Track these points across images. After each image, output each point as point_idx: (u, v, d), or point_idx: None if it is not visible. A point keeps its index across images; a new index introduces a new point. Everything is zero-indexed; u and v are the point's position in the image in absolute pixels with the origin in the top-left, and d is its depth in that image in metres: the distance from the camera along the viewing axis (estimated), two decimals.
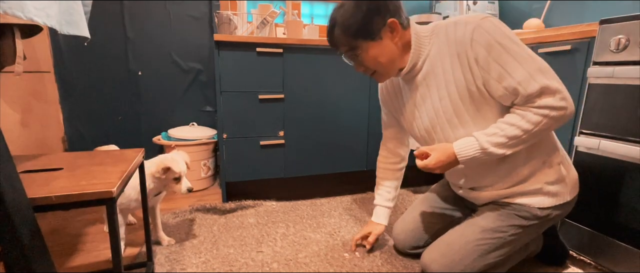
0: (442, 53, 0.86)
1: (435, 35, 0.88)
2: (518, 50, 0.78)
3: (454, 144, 0.86)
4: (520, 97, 0.78)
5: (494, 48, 0.78)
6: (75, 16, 0.88)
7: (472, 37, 0.79)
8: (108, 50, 1.80)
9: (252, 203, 1.61)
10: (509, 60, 0.77)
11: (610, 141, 1.04)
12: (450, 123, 0.90)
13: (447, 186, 1.20)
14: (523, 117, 0.79)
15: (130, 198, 1.09)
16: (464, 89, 0.84)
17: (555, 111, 0.76)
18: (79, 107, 1.80)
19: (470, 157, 0.84)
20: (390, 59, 0.90)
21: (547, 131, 0.81)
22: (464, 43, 0.81)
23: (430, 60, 0.89)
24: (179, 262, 1.11)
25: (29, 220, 0.54)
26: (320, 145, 1.68)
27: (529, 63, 0.77)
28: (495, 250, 0.92)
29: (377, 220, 1.23)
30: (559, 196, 0.90)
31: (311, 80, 1.59)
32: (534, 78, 0.76)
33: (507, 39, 0.78)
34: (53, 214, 1.44)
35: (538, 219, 0.91)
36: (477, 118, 0.86)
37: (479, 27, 0.79)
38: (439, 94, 0.89)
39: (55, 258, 1.12)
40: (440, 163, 0.86)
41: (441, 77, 0.88)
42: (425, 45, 0.89)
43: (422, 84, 0.93)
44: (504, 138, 0.80)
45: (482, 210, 0.99)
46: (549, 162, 0.89)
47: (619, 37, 1.01)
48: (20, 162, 0.80)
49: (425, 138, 1.00)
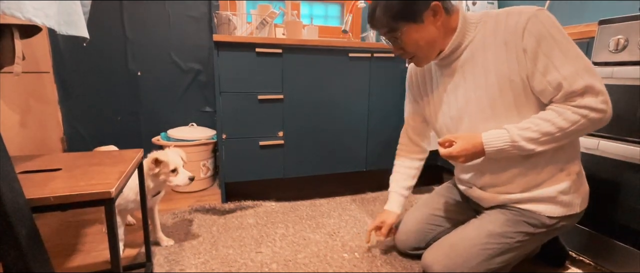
0: (487, 41, 0.85)
1: (483, 23, 0.86)
2: (568, 46, 0.77)
3: (483, 134, 0.84)
4: (562, 93, 0.77)
5: (546, 40, 0.76)
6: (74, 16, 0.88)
7: (526, 26, 0.78)
8: (107, 50, 1.80)
9: (252, 203, 1.60)
10: (558, 54, 0.76)
11: (609, 141, 1.04)
12: (482, 114, 0.87)
13: (451, 188, 1.19)
14: (560, 115, 0.77)
15: (129, 199, 1.08)
16: (505, 78, 0.82)
17: (594, 113, 0.75)
18: (78, 107, 1.80)
19: (497, 148, 0.82)
20: (430, 43, 0.88)
21: (581, 133, 0.80)
22: (516, 32, 0.79)
23: (472, 47, 0.87)
24: (178, 263, 1.11)
25: (27, 220, 0.54)
26: (319, 146, 1.68)
27: (578, 60, 0.76)
28: (499, 255, 0.90)
29: (391, 208, 1.18)
30: (570, 207, 0.88)
31: (310, 81, 1.59)
32: (581, 75, 0.75)
33: (560, 33, 0.77)
34: (52, 215, 1.44)
35: (546, 227, 0.89)
36: (512, 111, 0.84)
37: (535, 17, 0.77)
38: (475, 83, 0.87)
39: (54, 258, 1.12)
40: (465, 152, 0.84)
41: (481, 65, 0.86)
42: (470, 31, 0.88)
43: (458, 71, 0.91)
44: (537, 134, 0.79)
45: (490, 213, 0.97)
46: (567, 170, 0.87)
47: (618, 38, 1.01)
48: (19, 162, 0.80)
49: (448, 128, 0.98)
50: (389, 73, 1.70)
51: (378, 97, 1.71)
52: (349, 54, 1.60)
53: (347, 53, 1.60)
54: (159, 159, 1.07)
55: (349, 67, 1.63)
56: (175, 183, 1.11)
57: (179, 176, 1.11)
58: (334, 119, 1.67)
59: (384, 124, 1.75)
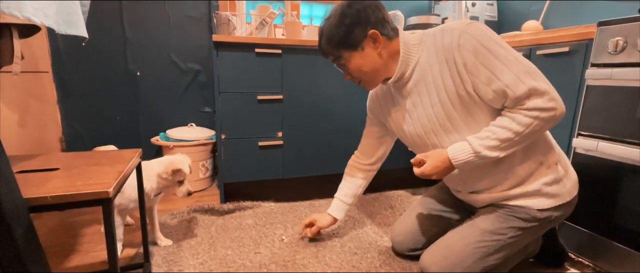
0: (431, 60, 0.88)
1: (424, 43, 0.90)
2: (504, 54, 0.79)
3: (448, 149, 0.87)
4: (509, 100, 0.79)
5: (481, 52, 0.79)
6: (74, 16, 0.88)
7: (459, 42, 0.80)
8: (107, 50, 1.80)
9: (250, 204, 1.60)
10: (496, 64, 0.78)
11: (608, 143, 1.04)
12: (444, 128, 0.91)
13: (445, 188, 1.19)
14: (513, 120, 0.79)
15: (130, 199, 1.08)
16: (454, 94, 0.85)
17: (544, 112, 0.77)
18: (77, 107, 1.80)
19: (464, 161, 0.85)
20: (373, 68, 0.93)
21: (539, 133, 0.82)
22: (451, 49, 0.82)
23: (419, 67, 0.90)
24: (177, 263, 1.10)
25: (24, 220, 0.54)
26: (318, 146, 1.67)
27: (516, 65, 0.78)
28: (495, 253, 0.91)
29: (330, 212, 1.25)
30: (558, 197, 0.90)
31: (310, 81, 1.59)
32: (522, 80, 0.77)
33: (493, 42, 0.79)
34: (50, 214, 1.43)
35: (537, 221, 0.91)
36: (470, 122, 0.87)
37: (465, 33, 0.80)
38: (431, 101, 0.90)
39: (52, 258, 1.11)
40: (437, 169, 0.87)
41: (432, 84, 0.89)
42: (413, 53, 0.91)
43: (413, 92, 0.94)
44: (496, 141, 0.81)
45: (482, 212, 0.99)
46: (546, 162, 0.89)
47: (617, 39, 1.01)
48: (17, 162, 0.79)
49: (417, 144, 1.01)
50: None
51: None
52: None
53: None
54: (182, 170, 1.09)
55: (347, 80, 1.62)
56: (177, 194, 1.13)
57: (183, 188, 1.13)
58: (333, 120, 1.67)
59: None
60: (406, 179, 1.93)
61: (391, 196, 1.77)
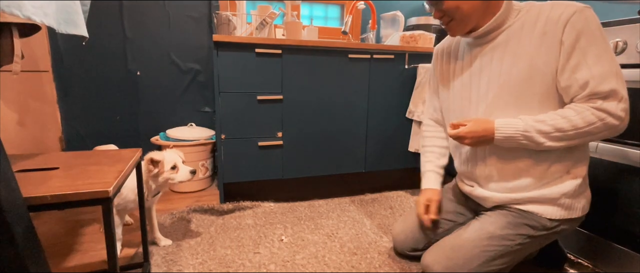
0: (525, 29, 0.85)
1: (526, 11, 0.86)
2: (606, 48, 0.77)
3: (496, 120, 0.85)
4: (586, 92, 0.77)
5: (585, 36, 0.77)
6: (74, 15, 0.88)
7: (570, 19, 0.78)
8: (107, 50, 1.80)
9: (250, 204, 1.60)
10: (594, 53, 0.76)
11: (608, 144, 1.04)
12: (501, 100, 0.87)
13: (450, 190, 1.18)
14: (578, 113, 0.78)
15: (128, 199, 1.08)
16: (534, 68, 0.82)
17: (612, 118, 0.76)
18: (77, 106, 1.80)
19: (508, 135, 0.83)
20: (471, 10, 0.87)
21: (594, 137, 0.80)
22: (558, 23, 0.79)
23: (509, 32, 0.88)
24: (176, 263, 1.10)
25: (23, 219, 0.54)
26: (318, 147, 1.67)
27: (611, 63, 0.76)
28: (500, 258, 0.90)
29: (431, 186, 1.12)
30: (571, 210, 0.89)
31: (310, 82, 1.59)
32: (609, 78, 0.75)
33: (601, 33, 0.77)
34: (49, 214, 1.43)
35: (546, 230, 0.89)
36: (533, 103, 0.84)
37: (580, 13, 0.78)
38: (502, 69, 0.87)
39: (51, 258, 1.11)
40: (473, 134, 0.85)
41: (513, 51, 0.86)
42: (512, 16, 0.88)
43: (487, 54, 0.91)
44: (550, 128, 0.79)
45: (491, 214, 0.97)
46: (574, 172, 0.87)
47: (616, 41, 1.01)
48: (17, 161, 0.79)
49: (462, 110, 0.98)
50: (389, 74, 1.70)
51: (377, 98, 1.71)
52: (349, 55, 1.60)
53: (346, 54, 1.60)
54: (154, 159, 1.06)
55: (349, 68, 1.63)
56: (178, 180, 1.11)
57: (180, 172, 1.11)
58: (333, 120, 1.67)
59: (384, 125, 1.75)
60: (406, 180, 1.93)
61: (391, 197, 1.77)
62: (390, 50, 1.66)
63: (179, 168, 1.11)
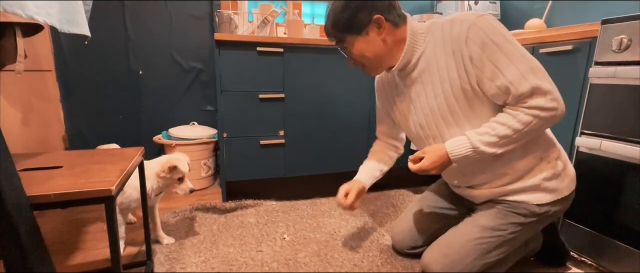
0: (437, 51, 0.87)
1: (431, 33, 0.89)
2: (512, 49, 0.78)
3: (446, 144, 0.87)
4: (511, 97, 0.79)
5: (488, 46, 0.78)
6: (76, 15, 0.89)
7: (468, 35, 0.80)
8: (109, 49, 1.81)
9: (252, 202, 1.61)
10: (502, 59, 0.78)
11: (611, 141, 1.03)
12: (445, 120, 0.90)
13: (444, 185, 1.19)
14: (514, 117, 0.80)
15: (131, 198, 1.09)
16: (458, 87, 0.85)
17: (545, 112, 0.77)
18: (80, 105, 1.81)
19: (462, 155, 0.85)
20: (376, 54, 0.92)
21: (538, 131, 0.83)
22: (459, 41, 0.81)
23: (425, 57, 0.90)
24: (179, 261, 1.11)
25: (27, 218, 0.54)
26: (320, 145, 1.67)
27: (522, 62, 0.77)
28: (495, 249, 0.92)
29: (358, 178, 1.15)
30: (557, 192, 0.90)
31: (311, 80, 1.59)
32: (526, 78, 0.77)
33: (502, 37, 0.79)
34: (54, 212, 1.44)
35: (536, 216, 0.91)
36: (471, 116, 0.87)
37: (474, 25, 0.79)
38: (434, 92, 0.90)
39: (55, 256, 1.12)
40: (435, 164, 0.87)
41: (436, 74, 0.88)
42: (420, 43, 0.90)
43: (417, 81, 0.94)
44: (495, 138, 0.81)
45: (481, 208, 0.99)
46: (546, 158, 0.90)
47: (621, 37, 1.01)
48: (20, 160, 0.80)
49: (419, 134, 1.00)
50: None
51: None
52: None
53: None
54: (178, 168, 1.08)
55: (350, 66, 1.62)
56: (177, 192, 1.13)
57: (184, 185, 1.13)
58: (335, 118, 1.66)
59: None
60: (408, 178, 1.92)
61: (392, 195, 1.77)
62: None
63: (185, 181, 1.13)
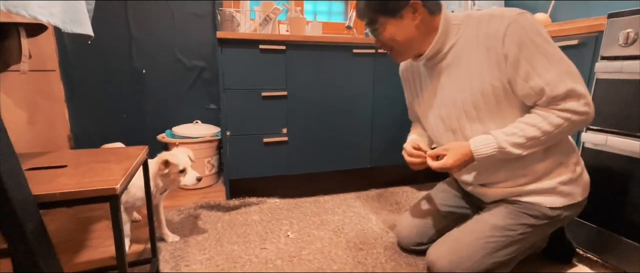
0: (469, 45, 0.85)
1: (466, 26, 0.87)
2: (550, 50, 0.77)
3: (471, 141, 0.86)
4: (545, 98, 0.78)
5: (527, 46, 0.76)
6: (79, 14, 0.89)
7: (506, 32, 0.78)
8: (112, 48, 1.81)
9: (256, 200, 1.61)
10: (540, 60, 0.76)
11: (618, 137, 1.02)
12: (468, 115, 0.89)
13: (453, 183, 1.19)
14: (545, 119, 0.78)
15: (136, 197, 1.10)
16: (487, 84, 0.83)
17: (577, 115, 0.76)
18: (85, 105, 1.82)
19: (486, 155, 0.84)
20: (407, 39, 0.89)
21: (566, 134, 0.81)
22: (496, 38, 0.79)
23: (456, 49, 0.88)
24: (184, 259, 1.12)
25: (34, 216, 0.55)
26: (323, 143, 1.67)
27: (560, 65, 0.76)
28: (503, 249, 0.90)
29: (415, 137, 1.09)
30: (571, 196, 0.89)
31: (314, 77, 1.58)
32: (563, 80, 0.75)
33: (541, 37, 0.77)
34: (60, 211, 1.46)
35: (548, 219, 0.90)
36: (495, 114, 0.85)
37: (515, 23, 0.77)
38: (460, 85, 0.88)
39: (61, 254, 1.13)
40: (457, 162, 0.86)
41: (465, 68, 0.86)
42: (452, 33, 0.88)
43: (443, 73, 0.92)
44: (522, 139, 0.80)
45: (491, 207, 0.98)
46: (566, 162, 0.88)
47: (627, 31, 0.99)
48: (26, 159, 0.80)
49: (438, 126, 0.99)
50: (394, 69, 1.68)
51: (382, 93, 1.70)
52: (353, 50, 1.59)
53: (351, 49, 1.59)
54: (169, 161, 1.08)
55: (353, 63, 1.62)
56: (184, 183, 1.13)
57: (188, 176, 1.13)
58: (338, 116, 1.66)
59: (389, 120, 1.74)
60: (411, 175, 1.91)
61: (396, 192, 1.77)
62: None
63: (187, 172, 1.13)
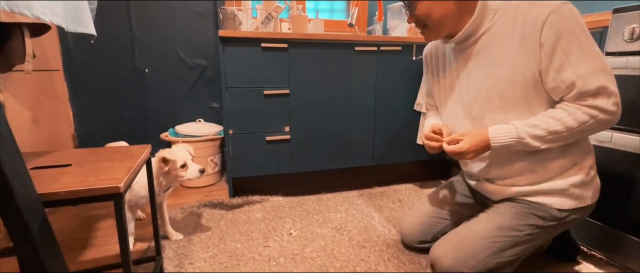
0: (504, 31, 0.83)
1: (503, 11, 0.84)
2: (588, 44, 0.75)
3: (490, 129, 0.84)
4: (574, 92, 0.76)
5: (565, 36, 0.74)
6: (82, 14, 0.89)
7: (547, 19, 0.75)
8: (115, 48, 1.82)
9: (259, 198, 1.62)
10: (577, 52, 0.74)
11: (623, 133, 1.01)
12: (490, 104, 0.87)
13: (458, 182, 1.18)
14: (571, 114, 0.76)
15: (140, 195, 1.10)
16: (518, 72, 0.81)
17: (604, 114, 0.74)
18: (88, 104, 1.83)
19: (503, 144, 0.82)
20: (443, 15, 0.86)
21: (588, 133, 0.80)
22: (535, 25, 0.77)
23: (489, 35, 0.86)
24: (187, 257, 1.12)
25: (39, 215, 0.55)
26: (326, 141, 1.67)
27: (595, 60, 0.74)
28: (509, 249, 0.89)
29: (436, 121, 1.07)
30: (581, 199, 0.87)
31: (316, 75, 1.58)
32: (596, 76, 0.73)
33: (581, 29, 0.75)
34: (64, 210, 1.47)
35: (556, 220, 0.88)
36: (521, 106, 0.83)
37: (557, 11, 0.75)
38: (488, 73, 0.86)
39: (66, 252, 1.14)
40: (474, 148, 0.85)
41: (495, 55, 0.84)
42: (488, 18, 0.86)
43: (472, 58, 0.90)
44: (544, 132, 0.78)
45: (498, 206, 0.96)
46: (580, 163, 0.86)
47: (633, 26, 0.98)
48: (30, 158, 0.81)
49: (456, 113, 0.97)
50: (396, 67, 1.68)
51: (385, 91, 1.69)
52: (356, 48, 1.59)
53: (353, 47, 1.59)
54: (167, 158, 1.08)
55: (356, 61, 1.61)
56: (187, 178, 1.13)
57: (190, 170, 1.13)
58: (340, 114, 1.66)
59: (391, 118, 1.74)
60: (414, 173, 1.91)
61: (399, 190, 1.77)
62: (397, 42, 1.64)
63: (188, 166, 1.13)
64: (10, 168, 0.50)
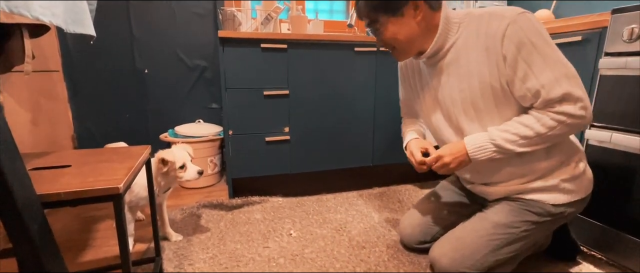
0: (469, 44, 0.85)
1: (466, 24, 0.86)
2: (549, 52, 0.76)
3: (466, 141, 0.87)
4: (540, 100, 0.77)
5: (525, 47, 0.76)
6: (81, 15, 0.89)
7: (506, 32, 0.77)
8: (115, 48, 1.82)
9: (259, 199, 1.61)
10: (538, 61, 0.76)
11: (622, 134, 1.01)
12: (467, 114, 0.89)
13: (455, 181, 1.19)
14: (538, 120, 0.78)
15: (139, 196, 1.10)
16: (486, 84, 0.83)
17: (572, 119, 0.76)
18: (88, 105, 1.83)
19: (478, 146, 0.85)
20: (409, 37, 0.88)
21: (560, 137, 0.81)
22: (496, 37, 0.79)
23: (456, 48, 0.88)
24: (187, 258, 1.12)
25: (38, 216, 0.55)
26: (325, 141, 1.67)
27: (557, 67, 0.76)
28: (506, 246, 0.90)
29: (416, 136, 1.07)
30: (574, 193, 0.89)
31: (316, 76, 1.58)
32: (559, 83, 0.75)
33: (541, 38, 0.76)
34: (64, 211, 1.47)
35: (551, 216, 0.90)
36: (494, 115, 0.85)
37: (514, 23, 0.76)
38: (459, 85, 0.88)
39: (66, 253, 1.14)
40: (454, 160, 0.88)
41: (465, 67, 0.86)
42: (453, 32, 0.88)
43: (444, 71, 0.92)
44: (515, 136, 0.81)
45: (494, 205, 0.98)
46: (567, 162, 0.88)
47: (632, 27, 0.98)
48: (30, 159, 0.81)
49: (438, 124, 0.99)
50: (396, 67, 1.66)
51: (384, 92, 1.69)
52: (355, 49, 1.59)
53: (352, 47, 1.59)
54: (165, 159, 1.08)
55: (355, 61, 1.61)
56: (186, 179, 1.13)
57: (188, 171, 1.13)
58: (340, 114, 1.66)
59: (391, 118, 1.74)
60: (414, 174, 1.91)
61: (399, 190, 1.77)
62: None
63: (187, 167, 1.13)
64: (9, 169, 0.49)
